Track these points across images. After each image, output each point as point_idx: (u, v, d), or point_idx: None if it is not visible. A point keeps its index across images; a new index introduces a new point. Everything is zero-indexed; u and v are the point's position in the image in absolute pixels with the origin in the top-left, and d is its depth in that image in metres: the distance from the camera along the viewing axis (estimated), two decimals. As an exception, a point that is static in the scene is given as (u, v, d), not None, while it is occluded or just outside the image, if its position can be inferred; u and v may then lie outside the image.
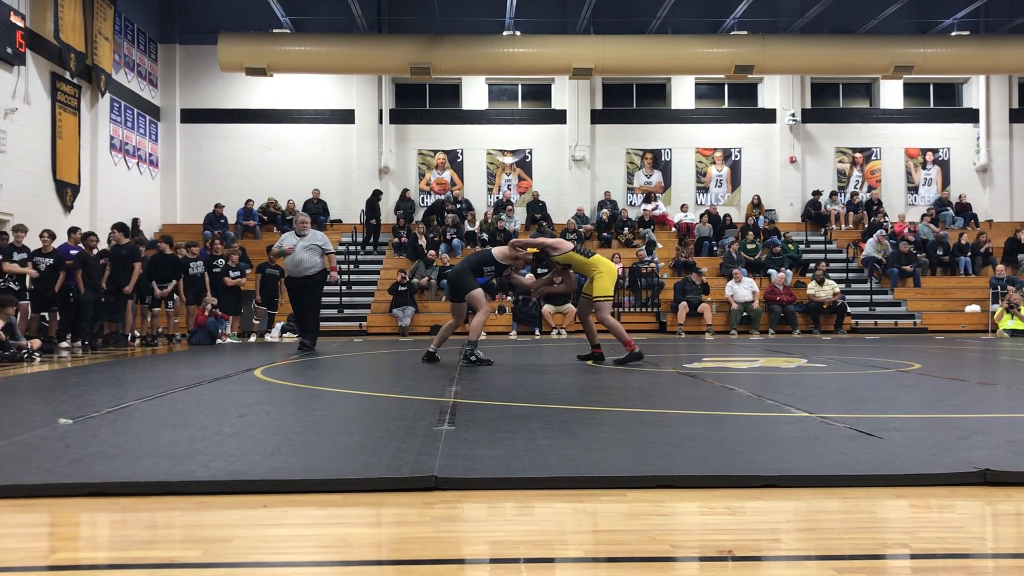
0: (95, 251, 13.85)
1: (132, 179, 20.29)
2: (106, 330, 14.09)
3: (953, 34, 21.75)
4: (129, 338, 14.02)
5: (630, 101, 23.88)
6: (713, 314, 18.04)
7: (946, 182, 23.71)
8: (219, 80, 22.23)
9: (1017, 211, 23.48)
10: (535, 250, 9.79)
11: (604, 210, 22.00)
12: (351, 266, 20.48)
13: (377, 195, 21.65)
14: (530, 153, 23.29)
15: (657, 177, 23.46)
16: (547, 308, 17.42)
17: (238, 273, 15.89)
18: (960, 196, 23.22)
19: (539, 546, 2.61)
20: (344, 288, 19.26)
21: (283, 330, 16.21)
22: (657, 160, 23.45)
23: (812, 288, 18.43)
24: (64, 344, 12.94)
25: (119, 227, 14.25)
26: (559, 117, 23.26)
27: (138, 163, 20.74)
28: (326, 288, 19.40)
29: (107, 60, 18.60)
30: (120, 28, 19.63)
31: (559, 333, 17.24)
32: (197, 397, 6.17)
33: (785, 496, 3.19)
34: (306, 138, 22.88)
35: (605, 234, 21.48)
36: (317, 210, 22.22)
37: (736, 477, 3.35)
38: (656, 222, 22.24)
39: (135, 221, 19.29)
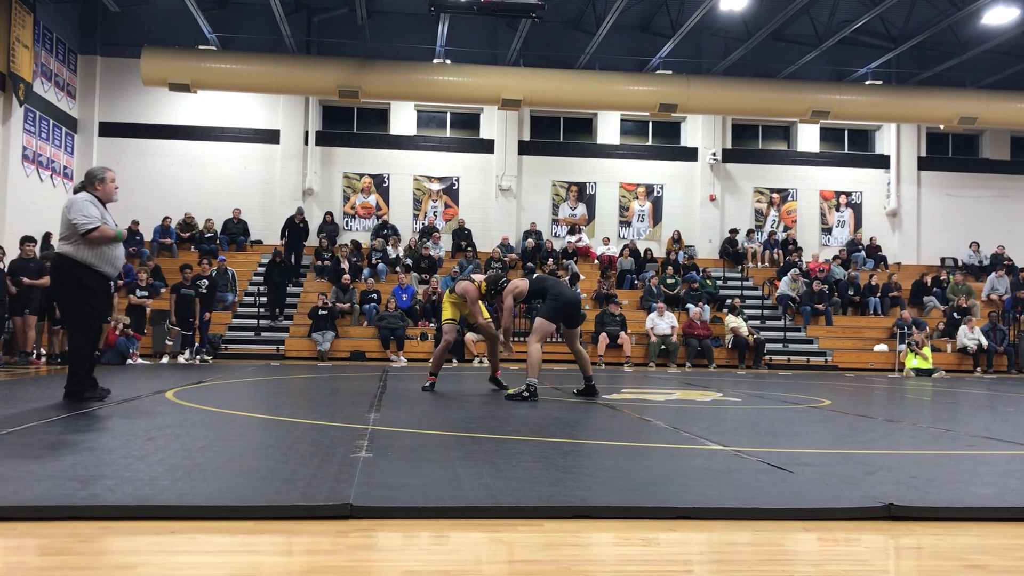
0: (1, 264, 13.34)
1: (45, 192, 19.60)
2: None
3: (867, 83, 22.65)
4: (34, 355, 13.49)
5: (557, 134, 24.17)
6: (632, 346, 18.27)
7: (858, 225, 24.57)
8: (141, 94, 21.71)
9: (924, 255, 24.45)
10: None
11: (529, 240, 22.15)
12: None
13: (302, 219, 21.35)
14: (457, 181, 23.34)
15: (581, 210, 23.75)
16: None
17: (145, 293, 15.53)
18: (871, 239, 24.07)
19: (454, 576, 2.59)
20: (261, 311, 18.90)
21: (197, 351, 15.80)
22: (582, 193, 23.75)
23: (734, 322, 18.77)
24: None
25: (28, 240, 13.78)
26: (487, 146, 23.39)
27: (52, 175, 20.08)
28: (240, 310, 19.28)
29: (27, 69, 18.02)
30: (38, 37, 19.03)
31: (480, 361, 17.21)
32: (104, 419, 5.96)
33: (698, 528, 3.23)
34: (229, 156, 22.49)
35: (529, 264, 21.61)
36: (238, 230, 21.87)
37: (651, 508, 3.38)
38: (580, 254, 22.48)
39: (47, 235, 18.62)
